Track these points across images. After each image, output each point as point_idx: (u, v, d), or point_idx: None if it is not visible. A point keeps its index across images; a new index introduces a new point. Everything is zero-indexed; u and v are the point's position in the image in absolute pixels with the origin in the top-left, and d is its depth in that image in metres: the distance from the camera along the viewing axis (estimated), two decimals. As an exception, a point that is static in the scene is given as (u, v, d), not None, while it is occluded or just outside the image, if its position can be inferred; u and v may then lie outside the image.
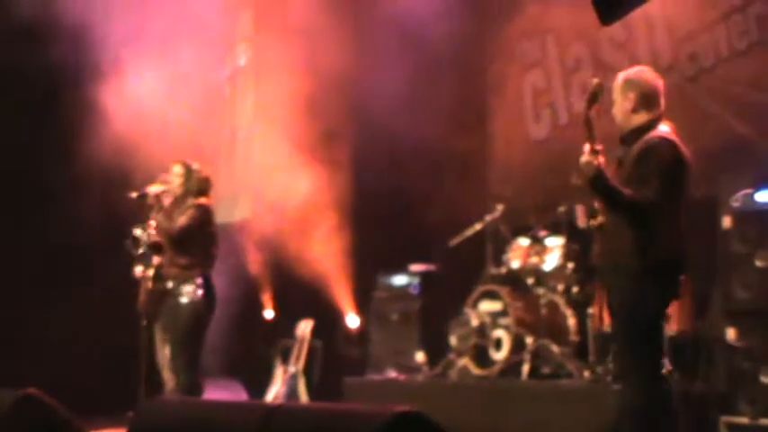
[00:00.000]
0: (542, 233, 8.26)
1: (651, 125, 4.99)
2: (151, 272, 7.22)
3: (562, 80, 9.42)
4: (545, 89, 9.65)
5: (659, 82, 5.12)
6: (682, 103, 8.32)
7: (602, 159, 4.84)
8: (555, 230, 8.19)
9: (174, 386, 6.89)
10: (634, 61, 8.58)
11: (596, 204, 5.07)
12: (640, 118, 5.02)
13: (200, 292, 6.85)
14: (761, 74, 7.77)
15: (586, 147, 4.84)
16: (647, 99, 5.03)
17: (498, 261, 8.50)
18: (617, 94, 5.10)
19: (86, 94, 8.98)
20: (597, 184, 4.86)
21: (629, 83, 5.08)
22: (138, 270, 7.22)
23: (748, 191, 6.67)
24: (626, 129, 5.06)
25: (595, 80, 5.01)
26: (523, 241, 8.33)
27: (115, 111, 8.95)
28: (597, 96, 4.94)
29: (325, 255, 9.58)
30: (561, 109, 9.42)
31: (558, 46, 9.52)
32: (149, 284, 7.24)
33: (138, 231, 7.01)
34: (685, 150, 4.96)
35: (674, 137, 4.96)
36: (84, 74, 9.02)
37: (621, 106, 5.07)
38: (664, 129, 4.99)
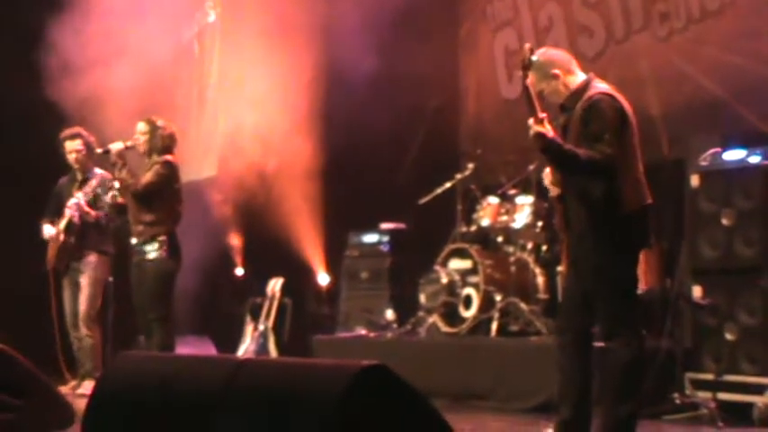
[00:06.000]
0: (512, 191, 8.28)
1: (587, 85, 4.93)
2: (63, 224, 7.26)
3: (535, 40, 9.37)
4: (518, 49, 9.62)
5: (566, 54, 5.09)
6: (653, 63, 8.35)
7: (549, 127, 4.75)
8: (525, 189, 8.21)
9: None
10: (607, 21, 8.62)
11: (549, 177, 4.96)
12: (571, 83, 4.95)
13: (164, 249, 6.81)
14: (732, 35, 7.78)
15: (530, 120, 4.75)
16: (566, 67, 4.98)
17: (468, 219, 8.51)
18: (539, 83, 4.95)
19: (56, 48, 8.88)
20: (551, 151, 4.79)
21: (543, 66, 4.96)
22: (47, 230, 7.33)
23: (717, 150, 6.69)
24: (564, 98, 4.96)
25: (527, 45, 4.93)
26: (493, 199, 8.34)
27: (85, 67, 8.86)
28: (531, 62, 4.85)
29: (296, 213, 9.56)
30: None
31: (530, 6, 9.49)
32: (61, 237, 7.28)
33: (98, 190, 7.08)
34: (626, 104, 4.91)
35: (613, 92, 4.91)
36: (53, 29, 8.91)
37: (548, 87, 4.96)
38: (601, 86, 4.93)
